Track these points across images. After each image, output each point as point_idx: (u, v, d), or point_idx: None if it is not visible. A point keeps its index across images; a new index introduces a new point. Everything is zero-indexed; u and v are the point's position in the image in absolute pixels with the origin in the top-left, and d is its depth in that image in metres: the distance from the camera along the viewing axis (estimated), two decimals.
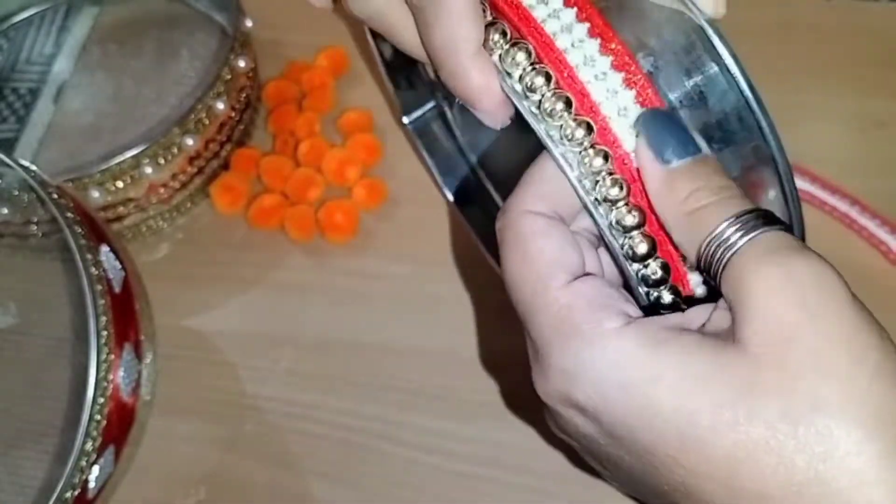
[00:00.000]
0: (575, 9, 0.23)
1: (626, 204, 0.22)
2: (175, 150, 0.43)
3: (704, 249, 0.21)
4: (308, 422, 0.40)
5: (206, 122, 0.44)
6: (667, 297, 0.23)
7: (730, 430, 0.19)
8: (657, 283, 0.22)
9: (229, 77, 0.45)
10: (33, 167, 0.36)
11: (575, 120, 0.22)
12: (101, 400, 0.33)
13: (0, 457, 0.39)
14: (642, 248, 0.22)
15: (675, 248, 0.22)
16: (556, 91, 0.22)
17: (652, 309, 0.23)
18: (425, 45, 0.23)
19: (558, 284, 0.22)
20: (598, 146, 0.22)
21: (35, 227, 0.42)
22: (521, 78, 0.22)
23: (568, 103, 0.22)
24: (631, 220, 0.22)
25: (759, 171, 0.25)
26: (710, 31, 0.23)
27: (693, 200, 0.21)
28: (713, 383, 0.19)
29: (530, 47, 0.22)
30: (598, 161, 0.22)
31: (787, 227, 0.21)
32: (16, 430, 0.40)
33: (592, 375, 0.21)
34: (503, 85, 0.23)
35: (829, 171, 0.44)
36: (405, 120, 0.43)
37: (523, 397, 0.39)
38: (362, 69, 0.51)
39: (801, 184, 0.42)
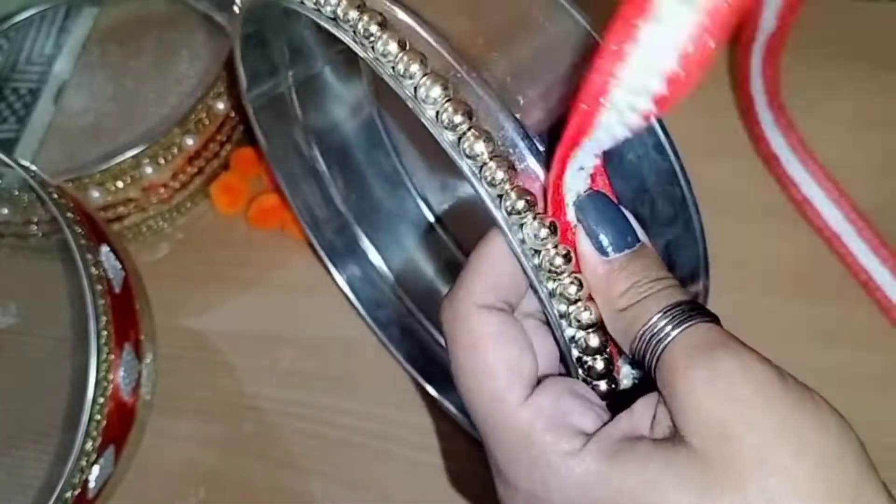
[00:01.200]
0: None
1: (584, 301, 0.22)
2: (175, 150, 0.43)
3: (638, 342, 0.21)
4: (308, 422, 0.40)
5: (207, 122, 0.44)
6: (603, 388, 0.23)
7: None
8: (599, 376, 0.23)
9: (229, 77, 0.45)
10: (33, 167, 0.36)
11: (516, 189, 0.21)
12: (102, 400, 0.33)
13: (0, 457, 0.39)
14: (594, 343, 0.22)
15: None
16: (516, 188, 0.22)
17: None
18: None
19: (517, 401, 0.22)
20: (560, 247, 0.22)
21: (35, 227, 0.42)
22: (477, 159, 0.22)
23: (512, 168, 0.22)
24: (587, 316, 0.22)
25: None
26: None
27: (629, 296, 0.21)
28: (672, 490, 0.19)
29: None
30: (559, 260, 0.22)
31: (714, 318, 0.21)
32: (16, 430, 0.40)
33: (563, 499, 0.21)
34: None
35: (829, 171, 0.44)
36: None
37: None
38: None
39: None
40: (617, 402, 0.23)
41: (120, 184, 0.42)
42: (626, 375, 0.24)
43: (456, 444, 0.39)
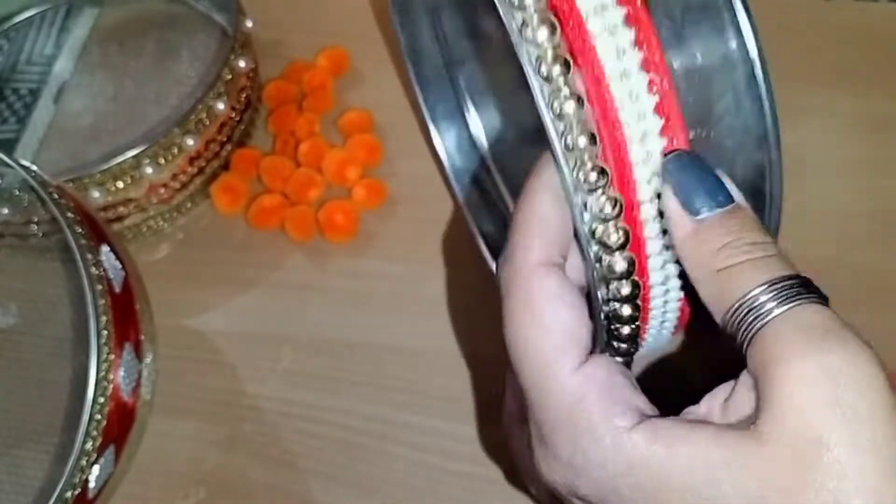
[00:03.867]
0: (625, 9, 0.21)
1: (631, 276, 0.21)
2: (175, 151, 0.43)
3: (733, 314, 0.19)
4: (308, 422, 0.40)
5: (207, 122, 0.44)
6: (626, 331, 0.22)
7: None
8: (623, 322, 0.22)
9: (230, 77, 0.45)
10: (34, 167, 0.36)
11: (594, 166, 0.20)
12: (102, 400, 0.33)
13: (0, 457, 0.39)
14: (628, 313, 0.21)
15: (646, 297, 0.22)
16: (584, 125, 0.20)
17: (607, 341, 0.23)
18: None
19: (570, 368, 0.21)
20: (611, 194, 0.20)
21: (35, 227, 0.42)
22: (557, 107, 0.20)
23: (592, 140, 0.20)
24: (628, 289, 0.21)
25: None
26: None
27: (724, 257, 0.20)
28: (727, 482, 0.18)
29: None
30: (608, 208, 0.20)
31: (824, 298, 0.19)
32: (16, 430, 0.40)
33: (602, 475, 0.20)
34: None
35: (830, 171, 0.44)
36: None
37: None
38: (362, 69, 0.51)
39: None
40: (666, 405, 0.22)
41: (120, 184, 0.42)
42: (649, 333, 0.23)
43: (456, 445, 0.39)
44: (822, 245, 0.41)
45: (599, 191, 0.20)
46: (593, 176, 0.20)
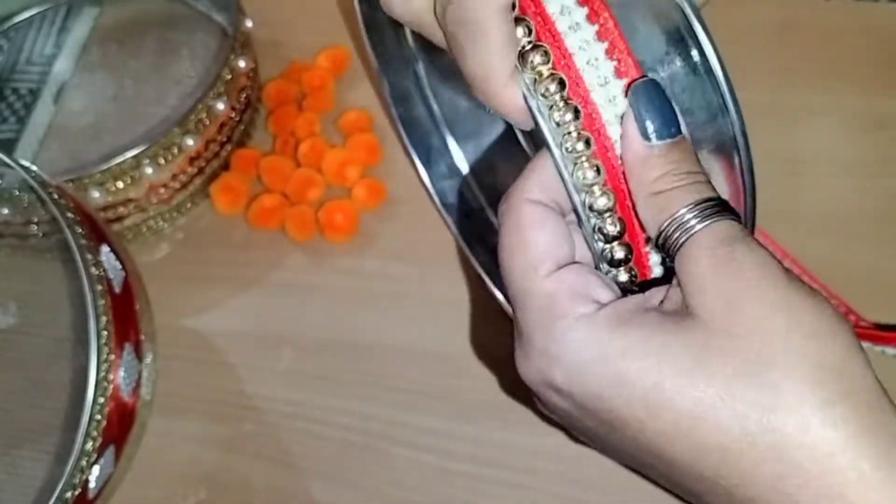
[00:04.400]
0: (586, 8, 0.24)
1: (601, 187, 0.24)
2: (175, 151, 0.43)
3: (664, 229, 0.23)
4: (308, 422, 0.40)
5: (207, 122, 0.44)
6: (623, 277, 0.25)
7: (690, 391, 0.21)
8: (618, 264, 0.25)
9: (229, 77, 0.45)
10: (34, 167, 0.36)
11: (566, 104, 0.23)
12: (102, 400, 0.33)
13: (0, 457, 0.39)
14: (611, 230, 0.24)
15: (642, 228, 0.24)
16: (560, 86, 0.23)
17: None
18: (459, 65, 0.25)
19: (545, 272, 0.24)
20: (581, 132, 0.23)
21: (35, 228, 0.42)
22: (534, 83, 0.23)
23: (561, 84, 0.23)
24: (604, 202, 0.24)
25: (719, 159, 0.27)
26: (690, 15, 0.24)
27: (662, 182, 0.23)
28: (673, 352, 0.21)
29: (548, 49, 0.23)
30: (580, 145, 0.23)
31: (739, 218, 0.23)
32: (16, 430, 0.40)
33: (570, 356, 0.23)
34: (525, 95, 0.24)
35: (829, 171, 0.44)
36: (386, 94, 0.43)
37: (521, 397, 0.39)
38: (362, 69, 0.51)
39: None
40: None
41: (120, 184, 0.42)
42: (656, 264, 0.25)
43: (456, 445, 0.39)
44: (822, 245, 0.42)
45: (572, 129, 0.23)
46: (568, 116, 0.23)
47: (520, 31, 0.23)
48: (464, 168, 0.44)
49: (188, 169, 0.45)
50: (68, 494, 0.32)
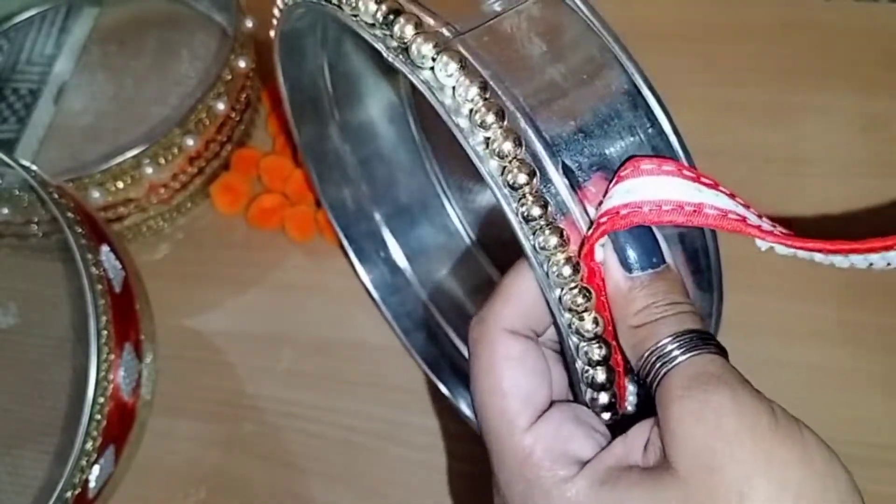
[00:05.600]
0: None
1: (590, 313, 0.22)
2: (175, 151, 0.43)
3: (643, 360, 0.22)
4: (308, 422, 0.40)
5: (207, 122, 0.44)
6: (604, 399, 0.24)
7: None
8: (600, 387, 0.23)
9: (230, 77, 0.45)
10: (34, 167, 0.36)
11: (550, 227, 0.22)
12: (102, 399, 0.33)
13: (0, 457, 0.39)
14: (597, 354, 0.23)
15: (622, 356, 0.23)
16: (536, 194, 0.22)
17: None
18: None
19: (523, 425, 0.23)
20: (570, 257, 0.22)
21: (35, 227, 0.42)
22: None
23: (545, 206, 0.22)
24: (591, 327, 0.22)
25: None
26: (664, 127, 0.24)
27: (644, 314, 0.22)
28: None
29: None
30: (567, 270, 0.22)
31: (721, 350, 0.22)
32: (16, 430, 0.40)
33: None
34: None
35: (830, 171, 0.44)
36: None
37: None
38: None
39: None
40: (622, 423, 0.23)
41: (120, 184, 0.42)
42: (631, 393, 0.24)
43: (456, 445, 0.39)
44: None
45: (560, 255, 0.22)
46: (553, 240, 0.22)
47: (508, 145, 0.22)
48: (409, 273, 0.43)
49: (188, 169, 0.45)
50: (68, 494, 0.32)
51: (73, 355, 0.40)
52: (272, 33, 0.32)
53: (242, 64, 0.46)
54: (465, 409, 0.39)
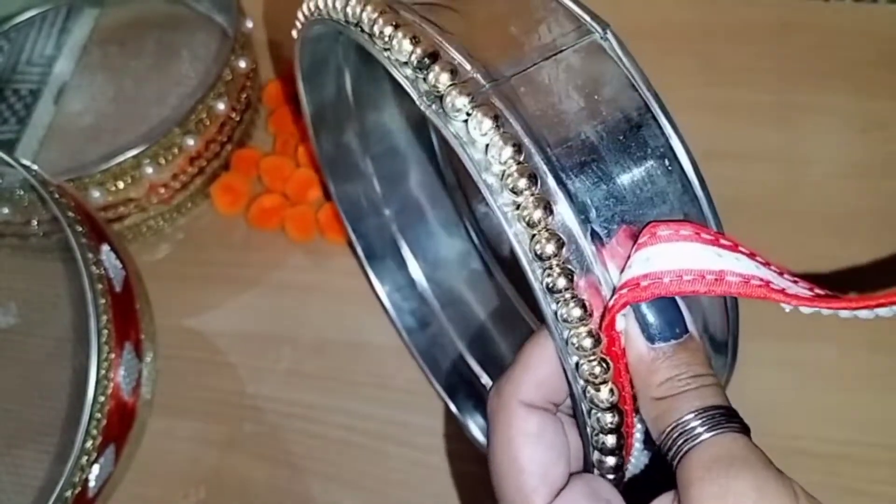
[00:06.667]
0: None
1: (607, 383, 0.22)
2: (176, 151, 0.43)
3: (667, 435, 0.21)
4: (308, 422, 0.40)
5: (207, 122, 0.44)
6: (611, 462, 0.23)
7: None
8: (610, 452, 0.23)
9: (230, 78, 0.45)
10: (34, 167, 0.36)
11: (574, 299, 0.21)
12: (102, 399, 0.33)
13: (0, 456, 0.39)
14: (609, 422, 0.22)
15: (633, 423, 0.23)
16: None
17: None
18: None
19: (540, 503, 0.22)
20: (592, 329, 0.21)
21: (36, 227, 0.42)
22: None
23: (570, 278, 0.21)
24: (607, 396, 0.22)
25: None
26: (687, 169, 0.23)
27: (666, 387, 0.21)
28: None
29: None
30: (588, 342, 0.21)
31: (746, 429, 0.21)
32: (16, 429, 0.40)
33: None
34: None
35: (829, 171, 0.44)
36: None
37: None
38: None
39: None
40: (636, 490, 0.23)
41: (120, 184, 0.42)
42: (637, 448, 0.24)
43: (456, 445, 0.39)
44: (821, 244, 0.42)
45: (581, 328, 0.21)
46: (576, 312, 0.21)
47: (538, 213, 0.21)
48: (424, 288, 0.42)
49: (188, 169, 0.45)
50: (68, 493, 0.32)
51: (73, 355, 0.40)
52: (294, 34, 0.31)
53: (242, 64, 0.46)
54: (476, 432, 0.38)
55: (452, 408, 0.39)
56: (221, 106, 0.44)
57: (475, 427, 0.38)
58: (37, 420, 0.40)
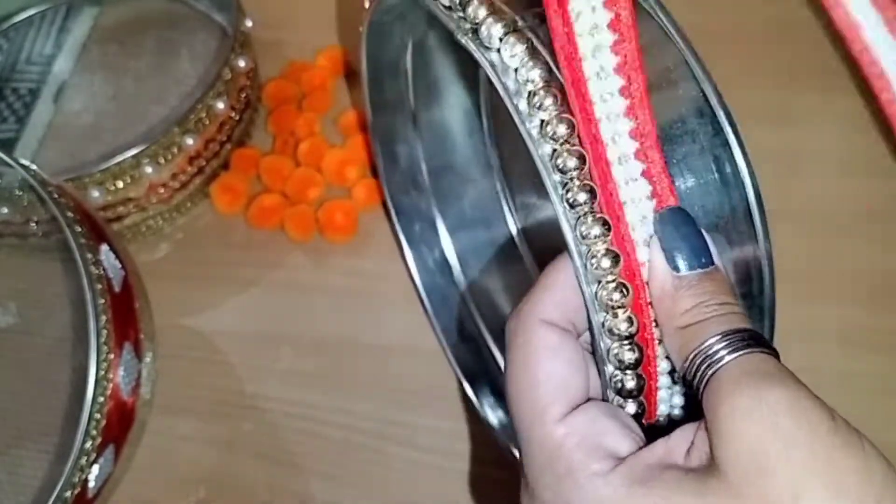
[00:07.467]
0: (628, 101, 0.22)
1: (626, 310, 0.22)
2: (175, 150, 0.43)
3: (689, 362, 0.21)
4: (308, 422, 0.40)
5: (207, 121, 0.44)
6: (630, 409, 0.23)
7: None
8: (628, 394, 0.23)
9: (229, 77, 0.45)
10: (33, 166, 0.36)
11: (593, 215, 0.21)
12: (101, 399, 0.33)
13: (0, 456, 0.39)
14: (629, 357, 0.22)
15: (655, 364, 0.22)
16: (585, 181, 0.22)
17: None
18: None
19: (555, 416, 0.22)
20: (610, 248, 0.21)
21: (35, 227, 0.42)
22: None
23: (592, 194, 0.21)
24: (625, 327, 0.22)
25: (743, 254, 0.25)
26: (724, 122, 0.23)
27: (691, 315, 0.21)
28: None
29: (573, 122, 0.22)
30: (607, 262, 0.21)
31: (774, 351, 0.21)
32: (16, 429, 0.40)
33: None
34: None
35: (829, 171, 0.44)
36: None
37: None
38: None
39: None
40: (657, 434, 0.22)
41: (120, 183, 0.42)
42: (676, 406, 0.24)
43: (456, 444, 0.39)
44: (820, 244, 0.42)
45: (600, 244, 0.21)
46: (596, 229, 0.21)
47: (562, 128, 0.21)
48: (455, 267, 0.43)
49: (188, 168, 0.45)
50: (68, 493, 0.32)
51: (72, 355, 0.40)
52: (364, 16, 0.32)
53: (242, 64, 0.46)
54: (491, 417, 0.38)
55: (466, 387, 0.39)
56: (221, 105, 0.44)
57: (490, 416, 0.39)
58: (36, 420, 0.40)
